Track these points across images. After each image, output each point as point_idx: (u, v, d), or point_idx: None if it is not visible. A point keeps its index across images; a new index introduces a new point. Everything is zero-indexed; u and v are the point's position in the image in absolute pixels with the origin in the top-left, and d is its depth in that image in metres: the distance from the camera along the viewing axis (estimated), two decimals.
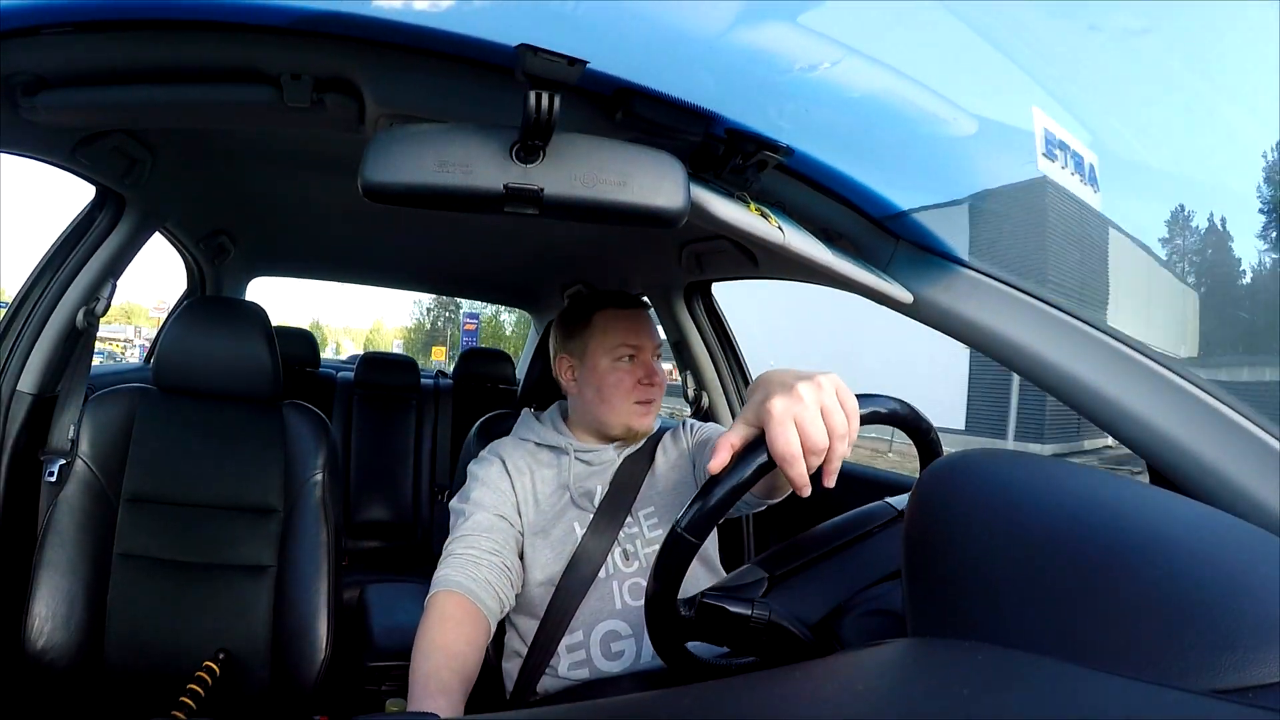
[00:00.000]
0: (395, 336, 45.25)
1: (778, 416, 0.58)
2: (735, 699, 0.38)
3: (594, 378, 1.09)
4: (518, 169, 0.57)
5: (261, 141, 1.34)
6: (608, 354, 1.09)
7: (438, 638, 0.87)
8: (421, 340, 40.97)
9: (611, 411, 1.09)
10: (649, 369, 1.09)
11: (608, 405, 1.09)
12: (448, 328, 30.61)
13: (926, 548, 0.48)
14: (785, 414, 0.58)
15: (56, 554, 1.18)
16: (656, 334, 1.12)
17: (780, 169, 0.79)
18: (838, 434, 0.58)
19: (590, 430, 1.12)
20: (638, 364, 1.09)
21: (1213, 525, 0.47)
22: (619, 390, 1.08)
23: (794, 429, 0.57)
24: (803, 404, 0.58)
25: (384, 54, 0.70)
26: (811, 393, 0.58)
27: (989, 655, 0.38)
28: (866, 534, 0.73)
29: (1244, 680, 0.37)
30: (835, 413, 0.59)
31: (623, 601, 1.02)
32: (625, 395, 1.08)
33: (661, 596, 0.63)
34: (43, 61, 0.76)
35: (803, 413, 0.58)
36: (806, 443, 0.57)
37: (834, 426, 0.58)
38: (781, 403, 0.58)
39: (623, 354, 1.08)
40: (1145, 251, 3.38)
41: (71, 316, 1.28)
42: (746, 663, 0.72)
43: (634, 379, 1.08)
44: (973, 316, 0.79)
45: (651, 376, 1.08)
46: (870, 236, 0.87)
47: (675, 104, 0.71)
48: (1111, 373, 0.74)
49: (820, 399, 0.59)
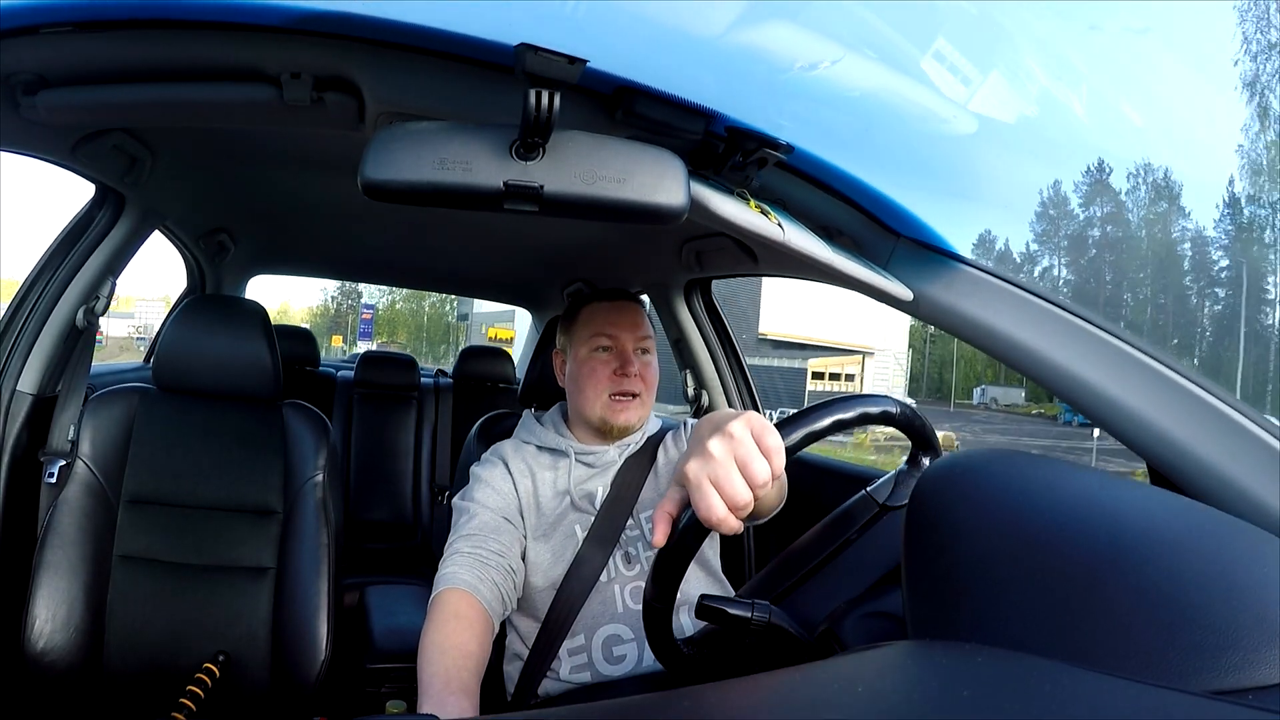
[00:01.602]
0: (301, 319, 45.71)
1: (693, 481, 0.56)
2: (736, 701, 0.38)
3: (574, 368, 1.10)
4: (517, 166, 0.57)
5: (261, 140, 1.34)
6: (585, 343, 1.09)
7: (451, 636, 0.87)
8: (326, 325, 41.86)
9: (587, 402, 1.08)
10: (625, 359, 1.07)
11: (583, 396, 1.08)
12: (349, 314, 31.17)
13: (926, 549, 0.48)
14: (700, 478, 0.56)
15: (56, 555, 1.18)
16: (641, 327, 1.11)
17: (780, 166, 0.79)
18: (757, 483, 0.56)
19: (586, 428, 1.12)
20: (614, 354, 1.08)
21: (1212, 526, 0.46)
22: (592, 380, 1.07)
23: (711, 491, 0.56)
24: (715, 462, 0.56)
25: (384, 53, 0.70)
26: (723, 447, 0.56)
27: (989, 657, 0.38)
28: (854, 535, 0.73)
29: (1243, 681, 0.37)
30: (752, 462, 0.56)
31: (624, 605, 1.02)
32: (599, 386, 1.07)
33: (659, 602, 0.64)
34: (43, 61, 0.76)
35: (716, 471, 0.56)
36: (728, 501, 0.55)
37: (753, 477, 0.56)
38: (694, 466, 0.57)
39: (599, 343, 1.08)
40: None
41: (71, 315, 1.28)
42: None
43: (609, 369, 1.07)
44: (973, 314, 0.79)
45: (626, 367, 1.07)
46: (870, 233, 0.87)
47: (675, 102, 0.71)
48: (1112, 371, 0.73)
49: (734, 451, 0.56)
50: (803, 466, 1.55)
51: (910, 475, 0.75)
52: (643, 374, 1.09)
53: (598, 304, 1.12)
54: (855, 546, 0.73)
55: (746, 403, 1.90)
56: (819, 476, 1.56)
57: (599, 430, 1.10)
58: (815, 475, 1.55)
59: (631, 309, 1.11)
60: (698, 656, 0.67)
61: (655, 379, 1.11)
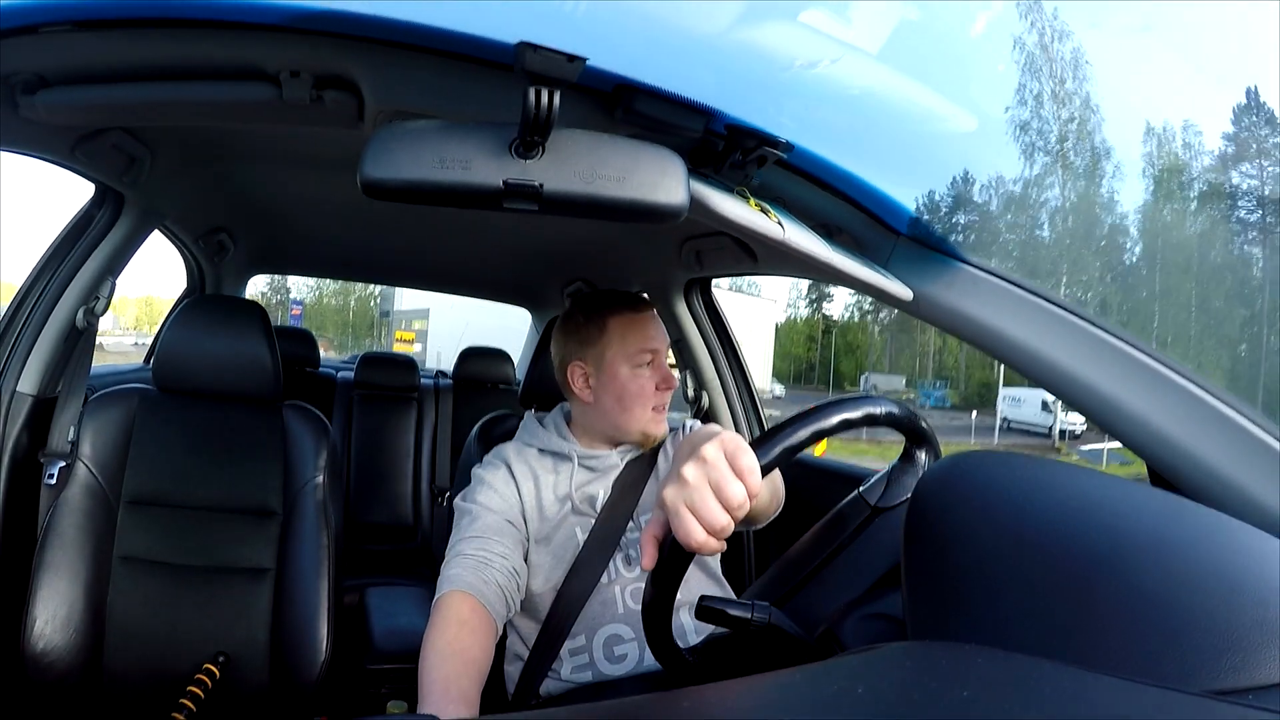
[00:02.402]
0: None
1: (671, 508, 0.57)
2: (736, 701, 0.37)
3: (614, 385, 1.06)
4: (517, 165, 0.57)
5: (261, 139, 1.34)
6: (627, 360, 1.06)
7: (454, 642, 0.87)
8: None
9: (633, 419, 1.07)
10: (665, 373, 1.08)
11: (629, 414, 1.07)
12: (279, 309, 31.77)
13: (926, 551, 0.48)
14: (676, 504, 0.57)
15: (56, 557, 1.18)
16: (665, 334, 1.11)
17: (780, 165, 0.79)
18: (734, 505, 0.57)
19: (600, 436, 1.11)
20: (655, 368, 1.08)
21: (1212, 526, 0.46)
22: (641, 396, 1.06)
23: (689, 516, 0.56)
24: (690, 488, 0.57)
25: (383, 51, 0.70)
26: (697, 473, 0.57)
27: (989, 658, 0.38)
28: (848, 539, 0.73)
29: (1243, 681, 0.37)
30: (727, 484, 0.56)
31: (625, 605, 1.02)
32: (647, 402, 1.07)
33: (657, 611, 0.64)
34: (43, 60, 0.76)
35: (691, 497, 0.56)
36: (705, 526, 0.56)
37: (727, 500, 0.56)
38: (671, 493, 0.58)
39: (642, 360, 1.06)
40: None
41: (71, 316, 1.28)
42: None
43: (653, 384, 1.07)
44: (972, 313, 0.79)
45: (669, 380, 1.08)
46: (870, 232, 0.87)
47: (675, 100, 0.71)
48: (1111, 371, 0.73)
49: (708, 475, 0.57)
50: (802, 467, 1.56)
51: (904, 470, 0.75)
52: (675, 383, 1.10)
53: (626, 314, 1.08)
54: (849, 551, 0.72)
55: (747, 404, 1.90)
56: (820, 477, 1.56)
57: (635, 442, 1.10)
58: (816, 476, 1.56)
59: (656, 318, 1.11)
60: (701, 666, 0.67)
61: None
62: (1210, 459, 0.69)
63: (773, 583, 0.74)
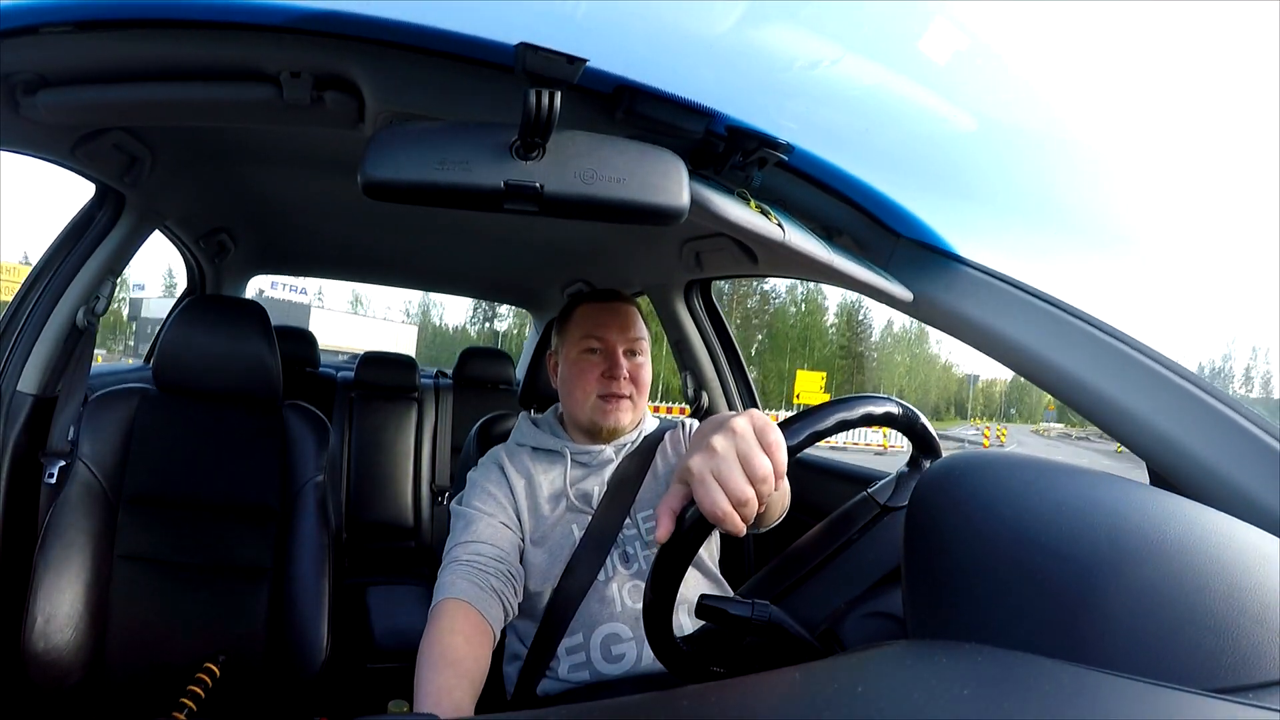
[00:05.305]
0: None
1: (697, 476, 0.56)
2: (736, 701, 0.37)
3: (565, 369, 1.11)
4: (517, 166, 0.57)
5: (261, 140, 1.34)
6: (575, 345, 1.09)
7: (448, 651, 0.87)
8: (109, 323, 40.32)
9: (576, 404, 1.09)
10: (613, 361, 1.07)
11: (573, 398, 1.09)
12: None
13: (926, 550, 0.48)
14: (703, 472, 0.56)
15: (57, 555, 1.18)
16: (631, 328, 1.10)
17: (780, 166, 0.79)
18: (759, 477, 0.56)
19: (579, 429, 1.12)
20: (602, 356, 1.08)
21: (1212, 526, 0.46)
22: (580, 381, 1.07)
23: (715, 486, 0.56)
24: (718, 457, 0.56)
25: (384, 52, 0.70)
26: (726, 443, 0.57)
27: (989, 656, 0.38)
28: (855, 535, 0.73)
29: (1243, 679, 0.37)
30: (754, 457, 0.56)
31: (622, 604, 1.02)
32: (588, 388, 1.07)
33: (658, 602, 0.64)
34: (43, 60, 0.77)
35: (719, 466, 0.56)
36: (731, 497, 0.56)
37: (754, 470, 0.56)
38: (698, 461, 0.57)
39: (588, 345, 1.08)
40: None
41: (71, 315, 1.28)
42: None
43: (597, 371, 1.07)
44: (973, 315, 0.79)
45: (613, 369, 1.07)
46: (870, 234, 0.87)
47: (675, 101, 0.71)
48: (1111, 372, 0.73)
49: (737, 446, 0.56)
50: (804, 467, 1.56)
51: (911, 476, 0.75)
52: (633, 376, 1.08)
53: (589, 305, 1.11)
54: (856, 547, 0.72)
55: (746, 404, 1.90)
56: (820, 478, 1.56)
57: (589, 432, 1.10)
58: (816, 476, 1.56)
59: (622, 310, 1.11)
60: (697, 655, 0.67)
61: (647, 381, 1.11)
62: (1210, 459, 0.69)
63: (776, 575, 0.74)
